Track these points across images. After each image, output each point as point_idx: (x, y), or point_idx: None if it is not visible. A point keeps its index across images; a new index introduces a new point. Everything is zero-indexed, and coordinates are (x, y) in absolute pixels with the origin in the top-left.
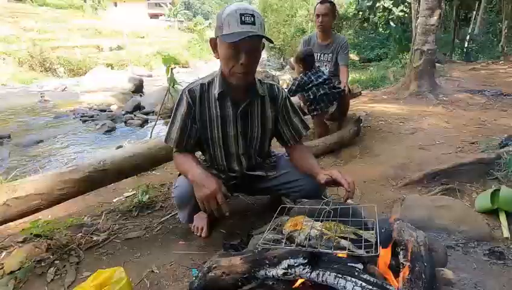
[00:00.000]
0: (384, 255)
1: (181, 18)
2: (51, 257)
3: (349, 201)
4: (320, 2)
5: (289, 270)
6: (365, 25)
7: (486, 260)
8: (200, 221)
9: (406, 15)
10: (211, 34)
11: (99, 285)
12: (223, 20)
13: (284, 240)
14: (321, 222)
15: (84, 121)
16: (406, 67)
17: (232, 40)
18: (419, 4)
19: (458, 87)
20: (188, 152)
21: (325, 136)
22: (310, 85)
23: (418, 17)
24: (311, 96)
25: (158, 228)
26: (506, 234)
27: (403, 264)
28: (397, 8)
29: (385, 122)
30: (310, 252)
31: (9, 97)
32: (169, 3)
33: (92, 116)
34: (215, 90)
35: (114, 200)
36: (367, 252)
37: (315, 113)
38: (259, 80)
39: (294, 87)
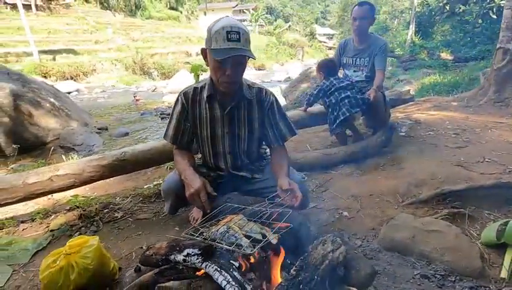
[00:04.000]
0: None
1: (262, 22)
2: (80, 224)
3: None
4: (359, 4)
5: (187, 258)
6: (467, 18)
7: None
8: (198, 213)
9: None
10: (288, 36)
11: (74, 246)
12: (211, 36)
13: (205, 233)
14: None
15: (162, 118)
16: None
17: (218, 58)
18: None
19: None
20: (186, 150)
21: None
22: (332, 89)
23: None
24: (333, 101)
25: (164, 214)
26: (504, 274)
27: (290, 272)
28: None
29: (435, 132)
30: (207, 245)
31: (115, 96)
32: (252, 9)
33: (169, 114)
34: (205, 94)
35: (145, 187)
36: (248, 250)
37: (338, 122)
38: (248, 84)
39: (315, 92)
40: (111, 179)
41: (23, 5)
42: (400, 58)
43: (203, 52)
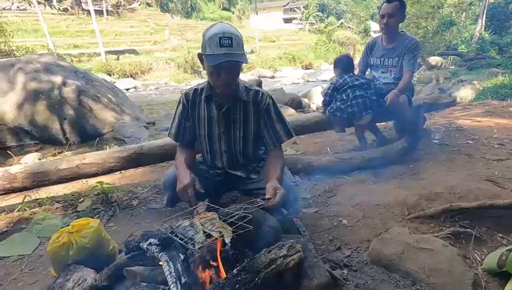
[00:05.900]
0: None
1: (312, 20)
2: (101, 207)
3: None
4: (387, 1)
5: (148, 247)
6: None
7: None
8: (202, 206)
9: None
10: (340, 34)
11: (76, 226)
12: (205, 42)
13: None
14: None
15: None
16: None
17: (211, 63)
18: None
19: None
20: (187, 148)
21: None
22: (345, 87)
23: None
24: (344, 98)
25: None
26: None
27: (232, 272)
28: None
29: (475, 141)
30: (166, 236)
31: (166, 93)
32: (303, 7)
33: None
34: (203, 95)
35: None
36: (193, 245)
37: (345, 117)
38: (245, 86)
39: (330, 91)
40: (138, 170)
41: (96, 10)
42: (463, 57)
43: (199, 57)
